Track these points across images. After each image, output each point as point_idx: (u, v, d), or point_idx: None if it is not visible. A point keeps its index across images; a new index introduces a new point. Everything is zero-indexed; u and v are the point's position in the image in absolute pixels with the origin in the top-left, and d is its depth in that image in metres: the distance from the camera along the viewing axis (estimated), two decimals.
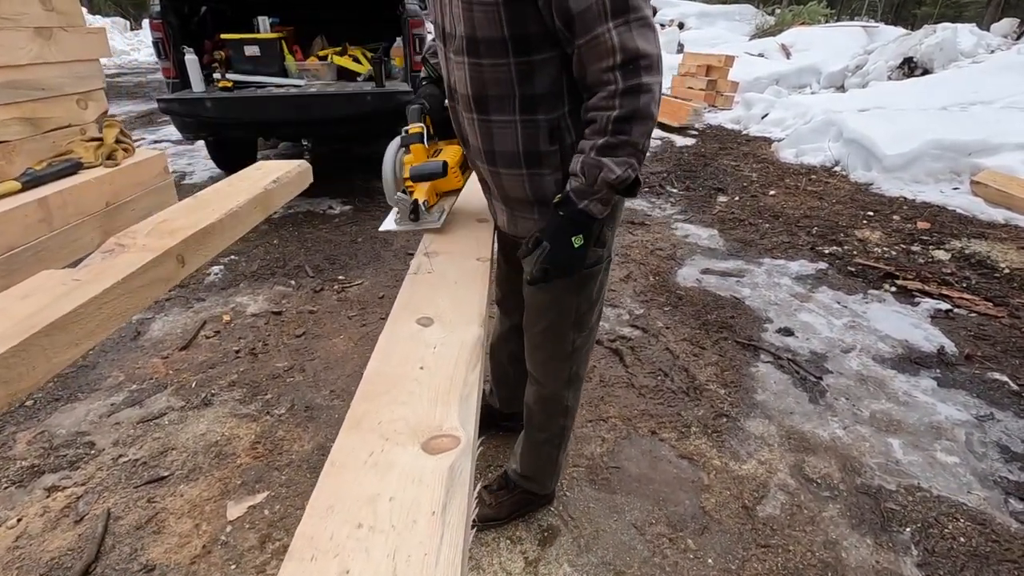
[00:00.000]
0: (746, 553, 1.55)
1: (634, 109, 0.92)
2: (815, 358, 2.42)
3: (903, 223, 3.89)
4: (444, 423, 0.68)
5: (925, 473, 1.83)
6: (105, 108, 1.61)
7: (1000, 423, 2.05)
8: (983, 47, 8.06)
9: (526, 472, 1.60)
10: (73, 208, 1.28)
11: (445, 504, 0.56)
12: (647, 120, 0.94)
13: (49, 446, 1.90)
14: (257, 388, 2.20)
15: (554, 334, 1.31)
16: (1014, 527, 1.64)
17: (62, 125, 1.47)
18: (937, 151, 4.65)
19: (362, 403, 0.71)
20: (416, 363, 0.79)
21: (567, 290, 1.23)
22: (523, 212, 1.18)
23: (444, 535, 0.53)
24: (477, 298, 0.99)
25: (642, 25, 0.90)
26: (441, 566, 0.50)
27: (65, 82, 1.45)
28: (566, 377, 1.39)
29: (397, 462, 0.61)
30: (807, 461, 1.87)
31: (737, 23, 16.15)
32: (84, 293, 0.95)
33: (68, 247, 1.27)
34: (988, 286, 3.02)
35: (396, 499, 0.57)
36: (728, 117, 7.37)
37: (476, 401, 0.74)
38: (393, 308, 0.96)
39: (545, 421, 1.49)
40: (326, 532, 0.53)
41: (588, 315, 1.30)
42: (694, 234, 3.76)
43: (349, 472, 0.60)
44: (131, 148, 1.52)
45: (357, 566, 0.50)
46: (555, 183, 1.10)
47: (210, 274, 3.13)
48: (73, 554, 1.53)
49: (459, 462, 0.62)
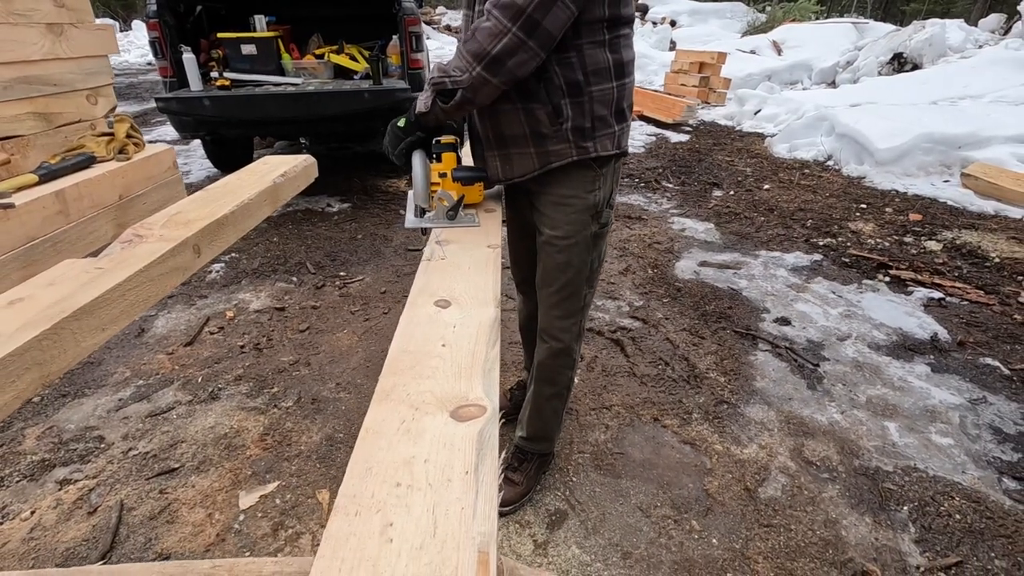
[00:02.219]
0: (749, 533, 1.59)
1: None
2: (812, 346, 2.47)
3: (895, 215, 3.95)
4: (470, 394, 0.71)
5: (921, 455, 1.88)
6: (114, 104, 1.63)
7: (993, 406, 2.10)
8: (971, 42, 8.16)
9: (535, 433, 1.69)
10: (88, 200, 1.30)
11: (477, 465, 0.59)
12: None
13: (59, 441, 1.92)
14: (263, 382, 2.22)
15: (571, 291, 1.41)
16: (1007, 504, 1.69)
17: (73, 120, 1.49)
18: (928, 145, 4.72)
19: (389, 377, 0.74)
20: (438, 341, 0.83)
21: (583, 247, 1.35)
22: (519, 148, 1.27)
23: (479, 491, 0.56)
24: (491, 281, 1.02)
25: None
26: (478, 518, 0.53)
27: (76, 78, 1.47)
28: (578, 331, 1.51)
29: (428, 429, 0.65)
30: (806, 445, 1.92)
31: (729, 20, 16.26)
32: (108, 280, 0.98)
33: (85, 238, 1.29)
34: (979, 275, 3.08)
35: (431, 461, 0.60)
36: (721, 113, 7.44)
37: (496, 375, 0.77)
38: (411, 293, 0.99)
39: (557, 375, 1.58)
40: (367, 491, 0.56)
41: (598, 270, 1.45)
42: (691, 228, 3.80)
43: (383, 438, 0.63)
44: (141, 143, 1.54)
45: (399, 520, 0.53)
46: (547, 115, 1.20)
47: (212, 272, 3.14)
48: (88, 544, 1.55)
49: (487, 428, 0.65)
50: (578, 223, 1.32)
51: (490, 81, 1.09)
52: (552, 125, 1.21)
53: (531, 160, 1.27)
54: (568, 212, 1.31)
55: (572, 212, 1.31)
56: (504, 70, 1.07)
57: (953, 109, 5.54)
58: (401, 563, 0.49)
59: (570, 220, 1.31)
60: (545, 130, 1.22)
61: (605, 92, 1.21)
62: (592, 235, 1.35)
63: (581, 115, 1.21)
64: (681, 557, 1.52)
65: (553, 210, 1.33)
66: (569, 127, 1.21)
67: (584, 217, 1.31)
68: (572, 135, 1.22)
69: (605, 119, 1.24)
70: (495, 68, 1.07)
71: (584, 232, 1.33)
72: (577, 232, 1.32)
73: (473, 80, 1.08)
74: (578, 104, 1.20)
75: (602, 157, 1.26)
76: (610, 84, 1.21)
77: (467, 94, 1.11)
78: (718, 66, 8.09)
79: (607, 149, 1.26)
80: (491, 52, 1.05)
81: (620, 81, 1.23)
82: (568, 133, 1.22)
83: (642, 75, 10.36)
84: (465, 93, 1.11)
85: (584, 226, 1.32)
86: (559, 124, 1.20)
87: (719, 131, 6.69)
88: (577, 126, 1.22)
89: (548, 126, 1.21)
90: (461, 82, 1.09)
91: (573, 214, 1.31)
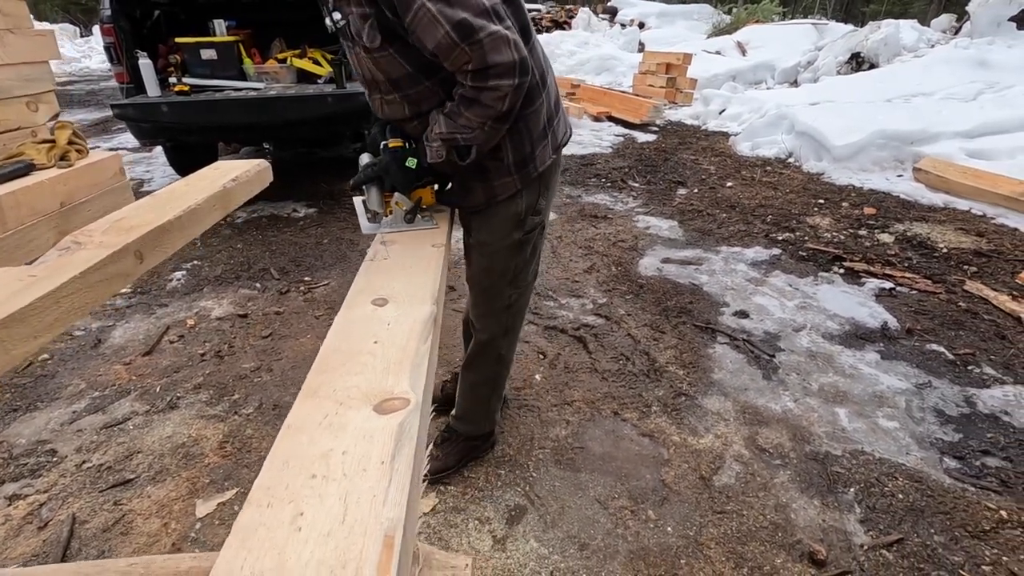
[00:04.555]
0: (703, 520, 1.64)
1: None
2: (768, 338, 2.54)
3: (851, 209, 4.08)
4: (396, 388, 0.72)
5: (868, 438, 1.95)
6: (57, 110, 1.60)
7: (937, 390, 2.19)
8: (924, 42, 8.46)
9: (462, 414, 1.78)
10: (27, 208, 1.28)
11: (394, 455, 0.61)
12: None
13: (8, 456, 1.87)
14: (224, 389, 2.20)
15: (494, 291, 1.51)
16: (947, 483, 1.76)
17: (12, 128, 1.46)
18: (882, 141, 4.88)
19: (318, 375, 0.75)
20: (371, 339, 0.84)
21: (505, 253, 1.41)
22: (470, 181, 1.33)
23: (392, 479, 0.58)
24: (431, 279, 1.04)
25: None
26: (388, 505, 0.55)
27: (14, 84, 1.45)
28: (503, 328, 1.59)
29: (350, 423, 0.66)
30: (760, 433, 1.97)
31: (696, 22, 16.53)
32: (41, 287, 0.97)
33: (24, 247, 1.27)
34: (928, 265, 3.20)
35: (349, 453, 0.61)
36: (687, 113, 7.57)
37: (428, 369, 0.79)
38: (349, 292, 1.00)
39: (481, 365, 1.67)
40: (282, 483, 0.57)
41: (523, 274, 1.50)
42: (655, 225, 3.87)
43: (305, 433, 0.64)
44: (84, 149, 1.52)
45: (311, 510, 0.54)
46: (488, 154, 1.24)
47: (172, 280, 3.10)
48: (39, 559, 1.52)
49: (408, 420, 0.67)
50: (500, 231, 1.38)
51: (501, 131, 1.17)
52: (493, 162, 1.27)
53: (478, 195, 1.34)
54: (490, 219, 1.37)
55: (494, 219, 1.37)
56: (513, 116, 1.15)
57: (906, 106, 5.74)
58: (307, 549, 0.50)
59: (492, 227, 1.38)
60: (488, 166, 1.28)
61: (538, 109, 1.26)
62: (515, 242, 1.40)
63: (520, 144, 1.26)
64: (637, 546, 1.55)
65: (476, 218, 1.40)
66: (511, 161, 1.27)
67: (507, 225, 1.37)
68: (515, 168, 1.28)
69: (542, 132, 1.29)
70: (507, 119, 1.14)
71: (506, 240, 1.39)
72: (499, 239, 1.39)
73: (487, 134, 1.15)
74: (516, 134, 1.24)
75: (541, 173, 1.32)
76: (540, 98, 1.26)
77: (482, 148, 1.18)
78: (684, 67, 8.23)
79: (545, 161, 1.32)
80: (504, 110, 1.10)
81: (545, 88, 1.28)
82: (511, 167, 1.28)
83: (611, 76, 10.48)
84: (480, 147, 1.18)
85: (506, 234, 1.38)
86: (500, 160, 1.27)
87: (685, 130, 6.80)
88: (518, 159, 1.27)
89: (490, 163, 1.28)
90: (475, 139, 1.15)
91: (495, 221, 1.37)
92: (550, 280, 3.06)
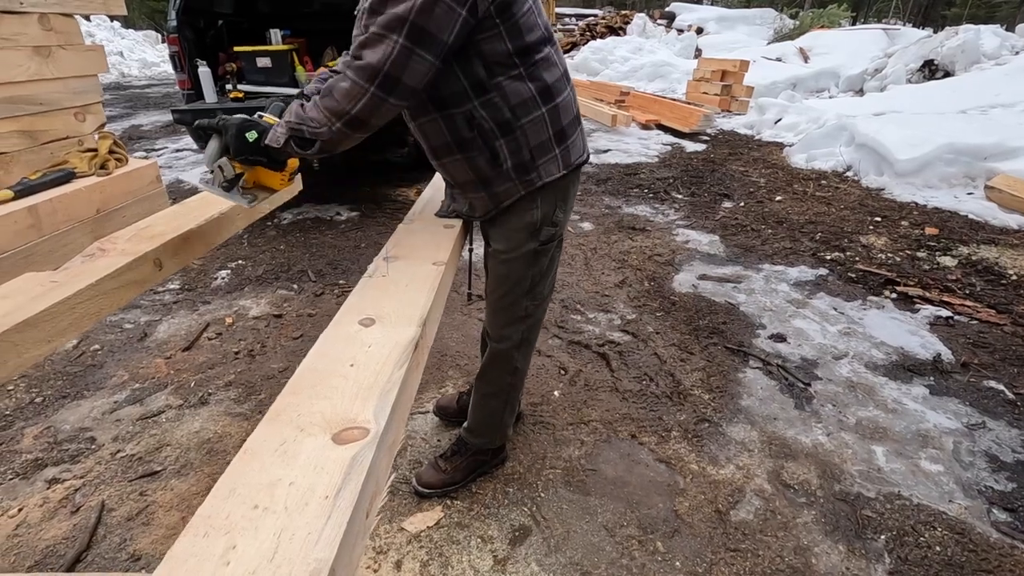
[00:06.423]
0: (714, 556, 1.56)
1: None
2: (805, 364, 2.40)
3: (911, 229, 3.82)
4: (359, 416, 0.72)
5: (907, 481, 1.81)
6: (103, 121, 1.70)
7: (991, 432, 2.01)
8: (1007, 48, 7.85)
9: (473, 426, 1.77)
10: (63, 214, 1.36)
11: (340, 490, 0.60)
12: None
13: (54, 440, 2.00)
14: (252, 388, 2.28)
15: (511, 300, 1.49)
16: (993, 537, 1.61)
17: (60, 137, 1.57)
18: (951, 155, 4.55)
19: (286, 397, 0.76)
20: (348, 361, 0.84)
21: (521, 262, 1.40)
22: (474, 192, 1.34)
23: (331, 517, 0.57)
24: (423, 300, 1.03)
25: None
26: (320, 544, 0.54)
27: (63, 97, 1.55)
28: (518, 339, 1.57)
29: (305, 451, 0.66)
30: (786, 467, 1.87)
31: (757, 27, 16.00)
32: (58, 294, 1.03)
33: (59, 251, 1.35)
34: (993, 293, 2.95)
35: (296, 484, 0.61)
36: (741, 122, 7.32)
37: (398, 396, 0.78)
38: (340, 310, 1.01)
39: (495, 377, 1.66)
40: (223, 512, 0.58)
41: (540, 285, 1.49)
42: (694, 240, 3.75)
43: (258, 460, 0.65)
44: (124, 158, 1.61)
45: (244, 542, 0.54)
46: (486, 161, 1.25)
47: (217, 278, 3.24)
48: (67, 543, 1.61)
49: (363, 452, 0.66)
50: (516, 239, 1.38)
51: (351, 136, 1.11)
52: (493, 168, 1.26)
53: (485, 202, 1.34)
54: (507, 228, 1.38)
55: (511, 229, 1.37)
56: (366, 126, 1.10)
57: (982, 118, 5.34)
58: None
59: (508, 236, 1.38)
60: (488, 174, 1.27)
61: (536, 121, 1.24)
62: (532, 251, 1.40)
63: (518, 151, 1.24)
64: None
65: (495, 226, 1.41)
66: (510, 166, 1.26)
67: (521, 235, 1.37)
68: (515, 173, 1.27)
69: (544, 145, 1.27)
70: (356, 125, 1.08)
71: (522, 248, 1.39)
72: (515, 248, 1.39)
73: (333, 135, 1.09)
74: (512, 141, 1.23)
75: (548, 183, 1.30)
76: (539, 112, 1.23)
77: (326, 146, 1.12)
78: (740, 74, 7.97)
79: (552, 174, 1.30)
80: (351, 112, 1.06)
81: (550, 104, 1.25)
82: (511, 172, 1.27)
83: (664, 83, 10.27)
84: (324, 145, 1.12)
85: (522, 243, 1.38)
86: (499, 167, 1.25)
87: (737, 140, 6.58)
88: (517, 163, 1.26)
89: (490, 170, 1.27)
90: (320, 134, 1.09)
91: (511, 231, 1.37)
92: (579, 293, 3.01)
